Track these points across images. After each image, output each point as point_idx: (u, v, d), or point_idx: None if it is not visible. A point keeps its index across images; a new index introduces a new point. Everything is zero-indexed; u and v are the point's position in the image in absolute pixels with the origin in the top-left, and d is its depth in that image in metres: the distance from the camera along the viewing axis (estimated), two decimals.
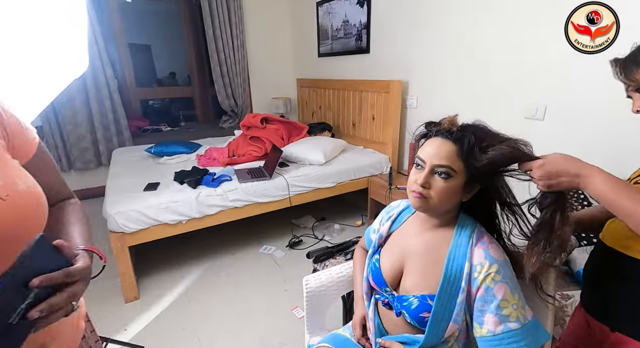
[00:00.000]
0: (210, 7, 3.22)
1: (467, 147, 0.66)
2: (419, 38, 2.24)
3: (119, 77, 3.44)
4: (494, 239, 0.71)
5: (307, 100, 3.67)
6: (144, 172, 2.18)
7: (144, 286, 1.87)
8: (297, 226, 2.55)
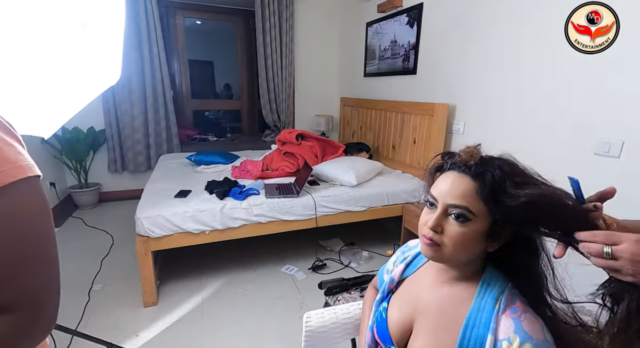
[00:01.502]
0: (263, 28, 3.38)
1: (489, 184, 0.53)
2: (471, 62, 2.08)
3: (175, 89, 3.72)
4: (529, 307, 0.55)
5: (349, 119, 3.62)
6: (180, 179, 2.26)
7: (164, 292, 1.89)
8: (324, 248, 2.44)
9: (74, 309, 1.71)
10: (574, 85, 1.48)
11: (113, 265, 2.15)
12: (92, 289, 1.89)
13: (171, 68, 3.63)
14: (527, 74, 1.72)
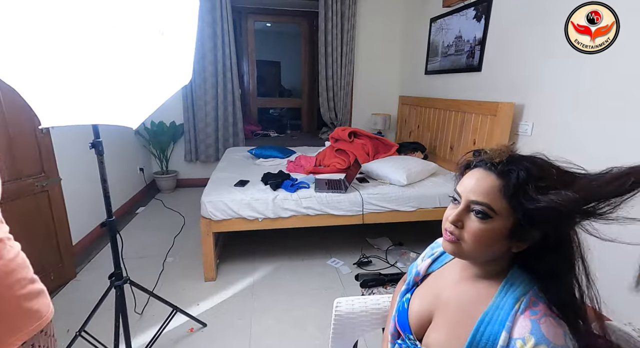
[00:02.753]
0: (325, 27, 3.48)
1: (514, 183, 0.52)
2: (544, 57, 1.88)
3: (243, 88, 4.05)
4: (555, 313, 0.52)
5: (407, 118, 3.53)
6: (241, 170, 2.48)
7: (222, 270, 2.11)
8: (371, 246, 2.45)
9: (151, 275, 2.01)
10: None
11: (183, 242, 2.46)
12: (166, 261, 2.20)
13: (240, 68, 3.95)
14: (611, 71, 1.50)
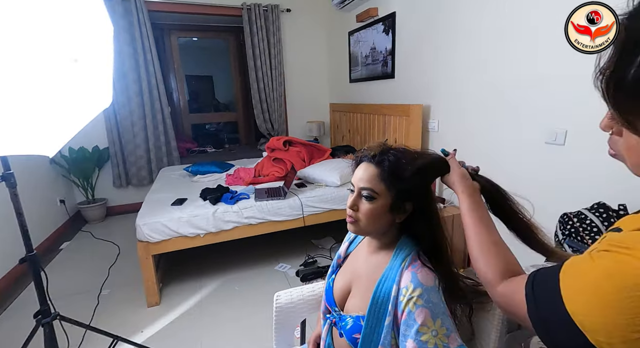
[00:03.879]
0: (252, 42, 3.58)
1: (386, 168, 0.68)
2: (441, 64, 2.22)
3: (173, 105, 3.94)
4: (430, 264, 0.69)
5: (339, 124, 3.77)
6: (178, 189, 2.43)
7: (166, 293, 2.05)
8: (316, 246, 2.58)
9: (84, 312, 1.87)
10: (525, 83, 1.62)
11: (120, 271, 2.32)
12: (101, 294, 2.06)
13: (168, 85, 3.85)
14: (490, 74, 1.86)
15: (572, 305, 0.38)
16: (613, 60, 0.35)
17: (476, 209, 0.62)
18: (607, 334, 0.35)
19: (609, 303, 0.35)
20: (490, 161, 1.85)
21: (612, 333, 0.34)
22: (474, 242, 0.59)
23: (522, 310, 0.45)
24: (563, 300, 0.39)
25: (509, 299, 0.49)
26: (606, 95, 0.36)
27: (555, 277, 0.42)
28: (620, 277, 0.35)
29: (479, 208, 0.62)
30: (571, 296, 0.39)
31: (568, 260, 0.43)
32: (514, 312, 0.47)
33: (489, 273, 0.54)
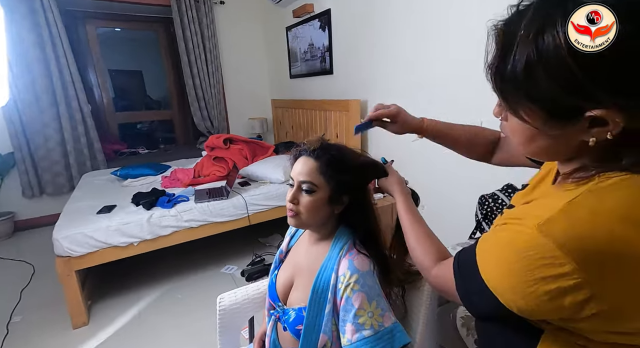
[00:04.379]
0: (184, 34, 3.36)
1: (325, 163, 0.70)
2: (376, 58, 2.33)
3: (95, 103, 3.53)
4: (365, 251, 0.72)
5: (282, 120, 3.75)
6: (104, 195, 2.20)
7: (96, 310, 1.85)
8: (263, 245, 2.54)
9: None
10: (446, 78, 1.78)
11: (36, 293, 2.03)
12: (11, 321, 1.78)
13: (87, 81, 3.44)
14: (417, 70, 1.99)
15: (486, 274, 0.44)
16: (496, 58, 0.40)
17: (412, 209, 0.70)
18: (511, 293, 0.41)
19: (510, 266, 0.40)
20: (421, 153, 2.00)
21: (515, 291, 0.40)
22: (411, 235, 0.66)
23: (452, 287, 0.50)
24: (479, 271, 0.45)
25: (441, 280, 0.55)
26: (494, 85, 0.42)
27: (473, 253, 0.47)
28: (516, 243, 0.40)
29: (413, 208, 0.71)
30: (484, 266, 0.45)
31: (481, 237, 0.49)
32: (447, 290, 0.53)
33: (425, 260, 0.60)
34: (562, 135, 0.39)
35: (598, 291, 0.35)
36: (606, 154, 0.39)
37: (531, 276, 0.38)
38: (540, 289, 0.37)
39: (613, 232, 0.35)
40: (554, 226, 0.37)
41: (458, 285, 0.50)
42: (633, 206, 0.36)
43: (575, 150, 0.41)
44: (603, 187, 0.38)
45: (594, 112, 0.35)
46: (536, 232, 0.38)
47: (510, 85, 0.39)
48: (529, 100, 0.39)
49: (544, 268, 0.37)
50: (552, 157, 0.46)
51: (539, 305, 0.39)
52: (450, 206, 1.84)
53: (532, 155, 0.47)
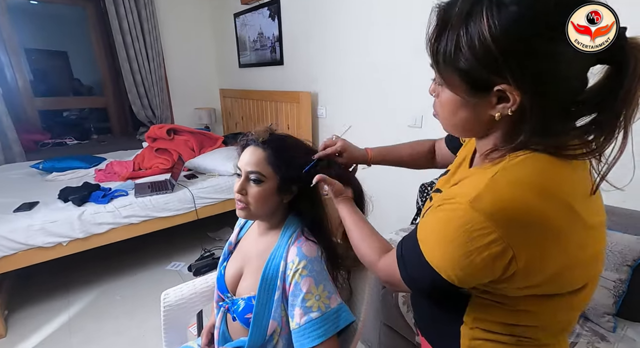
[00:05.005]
0: (117, 12, 3.05)
1: (274, 153, 0.70)
2: (326, 51, 2.34)
3: (8, 85, 3.06)
4: (313, 237, 0.74)
5: (231, 111, 3.62)
6: (23, 191, 1.93)
7: (16, 320, 1.64)
8: (213, 239, 2.46)
9: None
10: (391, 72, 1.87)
11: None
12: None
13: None
14: (366, 63, 2.06)
15: (429, 254, 0.47)
16: (434, 33, 0.45)
17: (355, 211, 0.70)
18: (451, 267, 0.44)
19: (449, 242, 0.44)
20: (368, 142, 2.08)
21: (455, 265, 0.44)
22: (355, 234, 0.66)
23: (398, 275, 0.52)
24: (422, 253, 0.48)
25: (387, 270, 0.55)
26: (431, 57, 0.47)
27: (414, 239, 0.50)
28: (452, 220, 0.44)
29: (356, 211, 0.71)
30: (426, 248, 0.48)
31: (420, 221, 0.53)
32: (394, 281, 0.53)
33: (371, 256, 0.61)
34: (478, 106, 0.45)
35: (517, 252, 0.41)
36: (510, 133, 0.46)
37: (468, 248, 0.42)
38: (477, 258, 0.42)
39: (528, 202, 0.41)
40: (482, 200, 0.42)
41: (402, 272, 0.51)
42: (537, 179, 0.42)
43: (486, 125, 0.47)
44: (513, 164, 0.44)
45: (500, 86, 0.41)
46: (469, 207, 0.42)
47: (443, 58, 0.44)
48: (455, 72, 0.44)
49: (478, 239, 0.41)
50: (469, 133, 0.52)
51: (475, 273, 0.43)
52: (393, 195, 1.96)
53: (454, 129, 0.52)
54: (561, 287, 0.46)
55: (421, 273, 0.48)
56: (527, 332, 0.50)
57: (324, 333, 0.64)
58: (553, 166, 0.43)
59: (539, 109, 0.41)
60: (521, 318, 0.49)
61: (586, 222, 0.43)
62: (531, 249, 0.41)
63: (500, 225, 0.40)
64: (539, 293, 0.46)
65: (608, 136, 0.41)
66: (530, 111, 0.41)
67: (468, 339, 0.53)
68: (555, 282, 0.45)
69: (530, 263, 0.41)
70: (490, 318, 0.51)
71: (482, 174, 0.45)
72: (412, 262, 0.50)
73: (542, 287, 0.45)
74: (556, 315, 0.49)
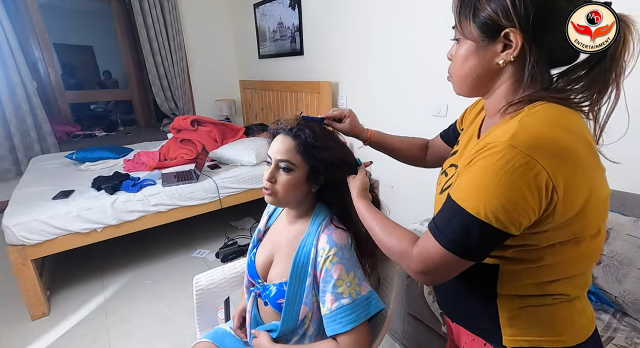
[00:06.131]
0: (142, 7, 3.11)
1: (303, 142, 0.71)
2: (347, 40, 2.31)
3: (41, 80, 3.20)
4: (342, 225, 0.75)
5: (251, 102, 3.65)
6: (59, 180, 2.04)
7: (57, 300, 1.76)
8: (235, 228, 2.52)
9: None
10: (419, 59, 1.83)
11: None
12: None
13: (30, 55, 3.09)
14: (388, 52, 2.02)
15: (473, 206, 0.45)
16: None
17: (371, 207, 0.67)
18: (502, 210, 0.43)
19: (495, 185, 0.43)
20: (390, 132, 2.06)
21: (506, 208, 0.43)
22: (378, 230, 0.60)
23: (438, 252, 0.48)
24: (464, 209, 0.45)
25: (424, 254, 0.50)
26: (456, 16, 0.54)
27: (449, 204, 0.48)
28: (493, 164, 0.44)
29: (373, 207, 0.67)
30: (468, 202, 0.46)
31: (451, 187, 0.51)
32: (433, 260, 0.49)
33: (402, 245, 0.55)
34: (486, 53, 0.52)
35: (556, 183, 0.43)
36: (514, 86, 0.52)
37: (517, 184, 0.42)
38: (526, 192, 0.42)
39: (558, 137, 0.44)
40: (519, 138, 0.43)
41: (442, 241, 0.47)
42: (560, 119, 0.47)
43: (492, 75, 0.53)
44: (534, 112, 0.47)
45: (507, 29, 0.48)
46: (508, 146, 0.43)
47: (464, 9, 0.53)
48: (473, 21, 0.52)
49: (524, 174, 0.42)
50: (476, 86, 0.56)
51: (524, 210, 0.43)
52: (416, 184, 1.93)
53: (464, 81, 0.57)
54: (582, 229, 0.48)
55: (466, 231, 0.45)
56: (558, 288, 0.52)
57: (355, 320, 0.65)
58: (568, 112, 0.48)
59: (538, 54, 0.48)
60: (549, 273, 0.51)
61: (600, 163, 0.48)
62: (568, 180, 0.43)
63: (541, 157, 0.42)
64: (564, 239, 0.49)
65: (602, 90, 0.47)
66: (529, 56, 0.48)
67: (507, 311, 0.54)
68: (580, 221, 0.47)
69: (567, 193, 0.44)
70: (522, 282, 0.52)
71: (508, 123, 0.48)
72: (454, 225, 0.47)
73: (572, 227, 0.47)
74: (579, 264, 0.52)
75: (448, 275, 0.51)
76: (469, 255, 0.47)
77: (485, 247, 0.47)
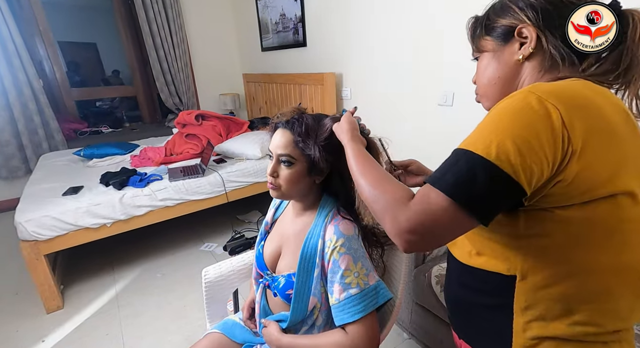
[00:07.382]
0: (143, 2, 3.09)
1: (299, 135, 0.70)
2: (350, 30, 2.28)
3: (47, 77, 3.22)
4: (349, 216, 0.75)
5: (254, 96, 3.63)
6: (68, 176, 2.07)
7: (70, 294, 1.79)
8: (242, 221, 2.54)
9: None
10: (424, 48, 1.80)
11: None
12: None
13: (35, 53, 3.11)
14: (393, 42, 1.98)
15: (483, 148, 0.40)
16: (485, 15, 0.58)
17: (363, 154, 0.59)
18: (514, 151, 0.39)
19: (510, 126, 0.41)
20: (395, 122, 2.04)
21: (521, 151, 0.39)
22: (367, 179, 0.52)
23: (437, 200, 0.41)
24: (473, 152, 0.41)
25: (421, 205, 0.43)
26: (471, 37, 0.60)
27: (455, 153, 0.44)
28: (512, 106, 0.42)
29: (365, 154, 0.59)
30: (479, 144, 0.41)
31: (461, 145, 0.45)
32: (432, 212, 0.42)
33: (396, 194, 0.46)
34: (505, 54, 0.54)
35: (572, 133, 0.39)
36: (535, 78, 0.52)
37: (533, 126, 0.39)
38: (542, 137, 0.39)
39: (584, 92, 0.43)
40: (540, 87, 0.43)
41: (443, 186, 0.42)
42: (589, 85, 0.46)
43: (514, 72, 0.54)
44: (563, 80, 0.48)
45: (520, 25, 0.50)
46: (527, 92, 0.42)
47: (478, 32, 0.58)
48: (489, 36, 0.56)
49: (542, 118, 0.39)
50: (500, 88, 0.56)
51: (540, 157, 0.39)
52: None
53: (488, 86, 0.58)
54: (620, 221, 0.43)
55: (472, 174, 0.40)
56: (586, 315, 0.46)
57: (363, 309, 0.66)
58: (598, 85, 0.46)
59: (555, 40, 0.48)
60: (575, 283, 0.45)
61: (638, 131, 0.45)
62: (588, 136, 0.40)
63: (557, 104, 0.40)
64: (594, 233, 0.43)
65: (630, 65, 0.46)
66: (547, 45, 0.49)
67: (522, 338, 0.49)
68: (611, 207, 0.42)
69: (586, 153, 0.40)
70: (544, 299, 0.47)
71: None
72: (459, 168, 0.41)
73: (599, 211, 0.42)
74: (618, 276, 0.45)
75: (443, 236, 0.43)
76: (474, 206, 0.40)
77: (492, 198, 0.40)
